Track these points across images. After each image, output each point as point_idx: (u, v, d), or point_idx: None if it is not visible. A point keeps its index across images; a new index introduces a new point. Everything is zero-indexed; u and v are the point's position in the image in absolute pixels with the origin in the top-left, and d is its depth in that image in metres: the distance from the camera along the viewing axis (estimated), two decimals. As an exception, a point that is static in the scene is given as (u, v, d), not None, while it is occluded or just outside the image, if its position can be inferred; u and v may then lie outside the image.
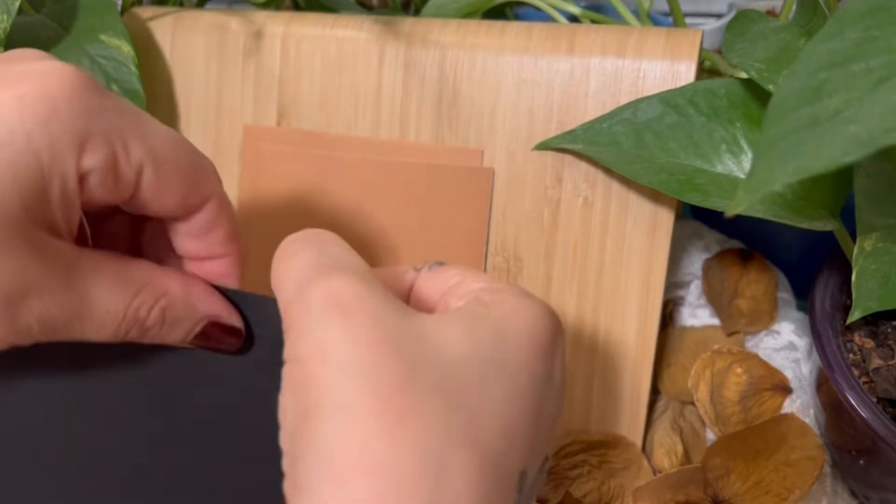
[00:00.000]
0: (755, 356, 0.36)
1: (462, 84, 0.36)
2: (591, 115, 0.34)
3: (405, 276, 0.25)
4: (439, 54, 0.36)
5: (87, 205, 0.22)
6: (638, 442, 0.36)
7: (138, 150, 0.22)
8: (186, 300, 0.24)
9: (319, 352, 0.19)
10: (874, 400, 0.29)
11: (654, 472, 0.35)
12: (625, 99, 0.33)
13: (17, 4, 0.35)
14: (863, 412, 0.28)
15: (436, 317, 0.20)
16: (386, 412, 0.17)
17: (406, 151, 0.37)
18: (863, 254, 0.29)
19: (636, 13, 0.41)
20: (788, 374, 0.36)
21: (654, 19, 0.46)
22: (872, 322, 0.31)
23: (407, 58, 0.37)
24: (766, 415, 0.34)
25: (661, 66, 0.33)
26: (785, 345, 0.37)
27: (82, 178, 0.21)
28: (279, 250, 0.22)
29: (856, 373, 0.30)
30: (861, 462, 0.31)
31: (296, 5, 0.48)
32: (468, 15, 0.41)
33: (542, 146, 0.35)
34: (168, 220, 0.24)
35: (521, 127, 0.35)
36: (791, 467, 0.31)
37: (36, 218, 0.20)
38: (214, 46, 0.40)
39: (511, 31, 0.36)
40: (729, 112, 0.32)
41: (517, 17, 0.51)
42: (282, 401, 0.20)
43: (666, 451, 0.35)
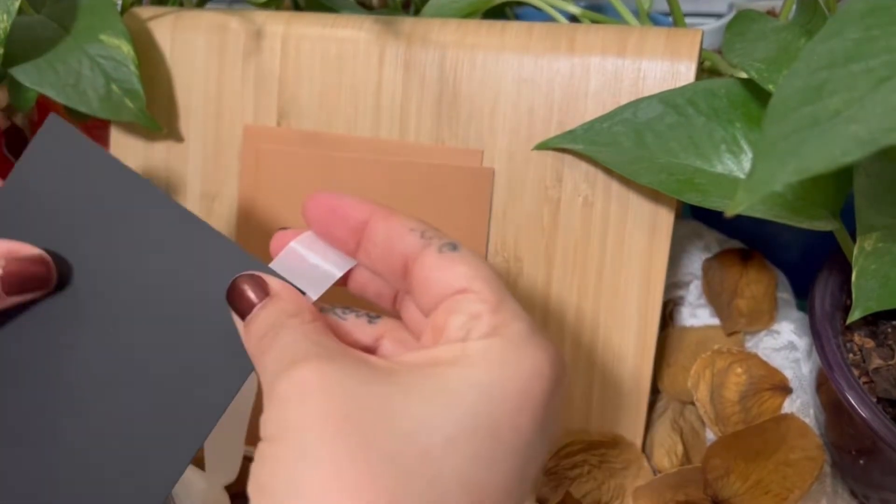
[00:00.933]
0: (755, 356, 0.36)
1: (462, 84, 0.36)
2: (591, 115, 0.34)
3: (407, 238, 0.23)
4: (439, 54, 0.36)
5: None
6: (638, 442, 0.36)
7: None
8: None
9: (282, 430, 0.19)
10: (874, 400, 0.29)
11: (654, 472, 0.35)
12: (625, 99, 0.33)
13: (17, 4, 0.35)
14: (863, 412, 0.28)
15: (406, 381, 0.20)
16: (337, 486, 0.18)
17: (406, 151, 0.37)
18: (863, 254, 0.29)
19: (636, 13, 0.41)
20: (788, 374, 0.36)
21: (654, 19, 0.46)
22: (872, 322, 0.31)
23: (407, 58, 0.37)
24: (766, 415, 0.34)
25: (661, 66, 0.33)
26: (785, 345, 0.37)
27: None
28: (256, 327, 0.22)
29: (856, 373, 0.30)
30: (861, 462, 0.31)
31: (296, 5, 0.48)
32: (468, 15, 0.41)
33: (542, 146, 0.35)
34: None
35: (521, 127, 0.35)
36: (791, 467, 0.31)
37: None
38: (214, 46, 0.40)
39: (511, 31, 0.36)
40: (729, 112, 0.32)
41: (517, 17, 0.51)
42: (259, 475, 0.20)
43: (666, 451, 0.35)
